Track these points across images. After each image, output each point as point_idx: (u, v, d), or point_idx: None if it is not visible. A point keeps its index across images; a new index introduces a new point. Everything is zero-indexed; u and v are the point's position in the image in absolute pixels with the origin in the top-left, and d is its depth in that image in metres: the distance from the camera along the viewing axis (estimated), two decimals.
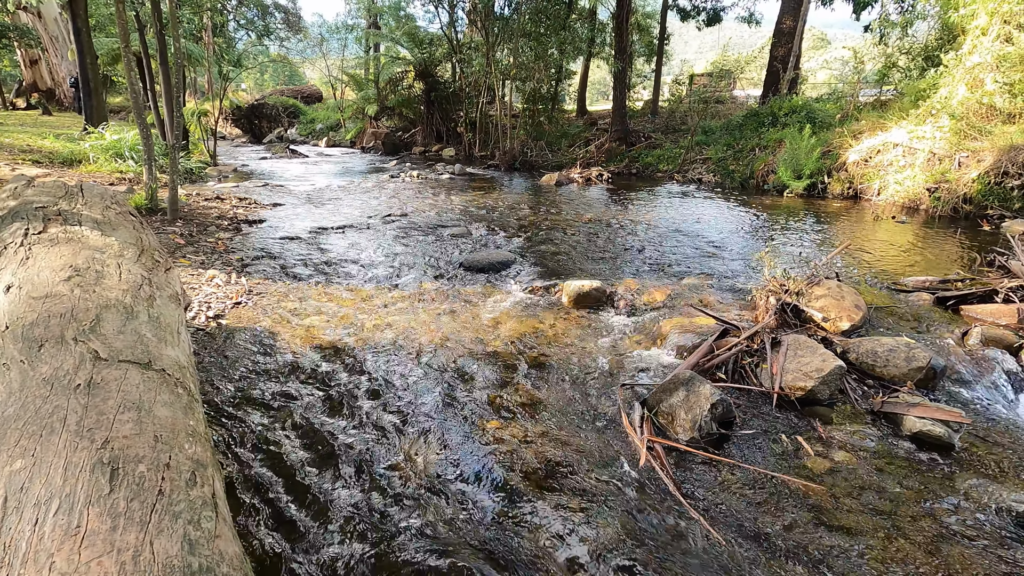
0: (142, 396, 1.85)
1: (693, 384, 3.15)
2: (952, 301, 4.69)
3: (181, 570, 1.26)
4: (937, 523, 2.42)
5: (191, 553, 1.34)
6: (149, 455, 1.59)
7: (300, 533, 2.28)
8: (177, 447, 1.71)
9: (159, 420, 1.78)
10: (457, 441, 2.96)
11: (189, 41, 19.19)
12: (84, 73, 14.22)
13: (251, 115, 26.64)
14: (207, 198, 9.14)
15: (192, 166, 12.27)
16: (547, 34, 16.16)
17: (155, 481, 1.51)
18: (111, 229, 3.14)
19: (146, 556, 1.27)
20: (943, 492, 2.62)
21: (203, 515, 1.50)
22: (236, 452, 2.79)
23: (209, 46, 18.44)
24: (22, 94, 27.44)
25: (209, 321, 4.38)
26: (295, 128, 26.67)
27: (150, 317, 2.44)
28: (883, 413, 3.25)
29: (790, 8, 15.79)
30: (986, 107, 9.04)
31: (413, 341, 4.11)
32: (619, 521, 2.41)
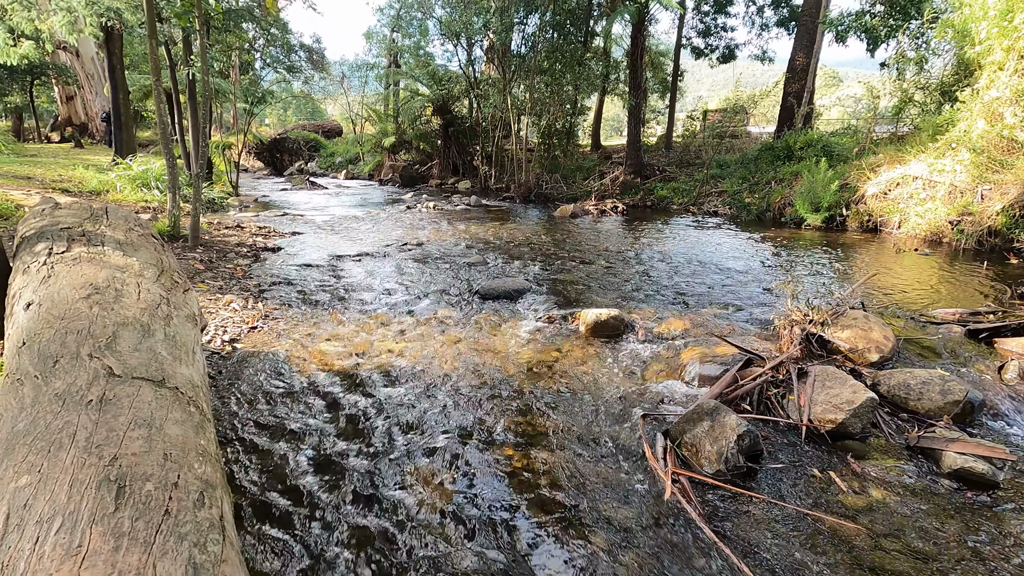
0: (153, 414, 1.81)
1: (718, 414, 3.03)
2: (985, 334, 4.52)
3: None
4: (985, 567, 2.25)
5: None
6: (157, 473, 1.53)
7: (308, 555, 2.19)
8: (186, 466, 1.65)
9: (169, 438, 1.72)
10: (473, 469, 2.86)
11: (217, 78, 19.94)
12: (116, 108, 14.78)
13: (273, 149, 27.38)
14: (228, 226, 9.30)
15: (214, 196, 12.55)
16: (563, 71, 16.53)
17: (162, 500, 1.44)
18: (132, 250, 3.16)
19: None
20: (989, 533, 2.45)
21: (210, 538, 1.43)
22: (247, 474, 2.72)
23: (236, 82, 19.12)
24: (57, 128, 28.55)
25: (225, 345, 4.37)
26: (315, 161, 27.32)
27: (166, 336, 2.41)
28: (920, 448, 3.09)
29: (803, 45, 16.00)
30: (1007, 141, 8.95)
31: (428, 369, 4.04)
32: (647, 559, 2.28)
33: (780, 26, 18.82)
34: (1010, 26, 8.37)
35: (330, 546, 2.27)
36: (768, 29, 19.15)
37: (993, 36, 8.67)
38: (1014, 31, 8.31)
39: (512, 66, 17.00)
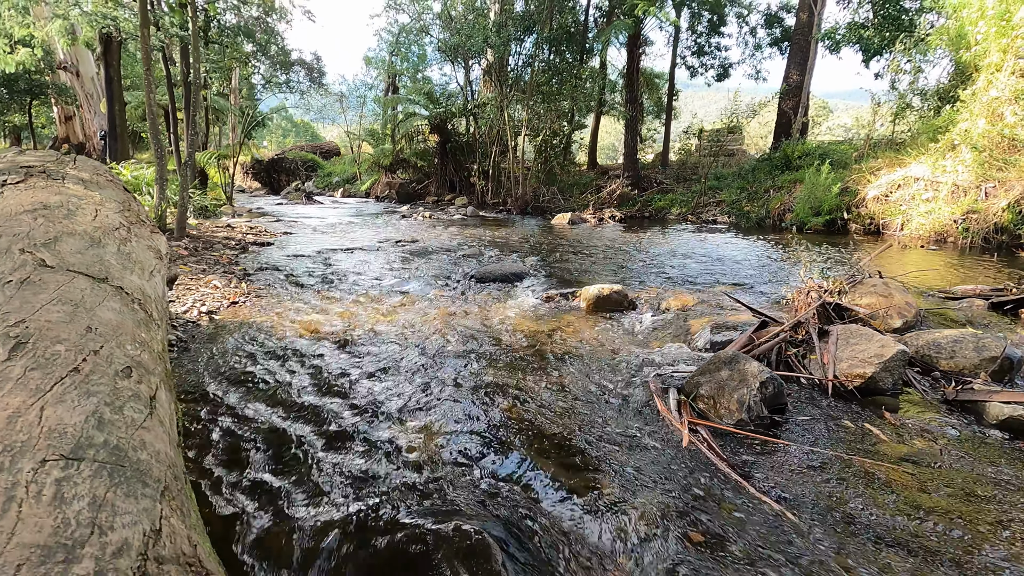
0: (85, 297, 1.53)
1: (737, 363, 2.74)
2: (1010, 306, 4.27)
3: (75, 438, 0.90)
4: None
5: (97, 428, 0.97)
6: (73, 339, 1.25)
7: (285, 498, 1.87)
8: (116, 343, 1.36)
9: (99, 319, 1.44)
10: (472, 421, 2.55)
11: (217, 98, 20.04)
12: (112, 118, 14.75)
13: (270, 169, 27.39)
14: (218, 227, 9.06)
15: (207, 203, 12.35)
16: (559, 89, 16.62)
17: (72, 361, 1.16)
18: (97, 187, 2.91)
19: (27, 419, 0.90)
20: None
21: (129, 404, 1.14)
22: (218, 422, 2.41)
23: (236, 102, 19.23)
24: (55, 148, 28.60)
25: (201, 315, 4.07)
26: (312, 181, 27.28)
27: (119, 251, 2.14)
28: (959, 402, 2.80)
29: (796, 62, 16.16)
30: (1007, 140, 8.87)
31: (422, 333, 3.75)
32: (666, 498, 1.97)
33: (773, 46, 19.09)
34: (1008, 25, 8.37)
35: (310, 483, 1.96)
36: (761, 49, 19.43)
37: (991, 36, 8.67)
38: (1012, 30, 8.31)
39: (509, 83, 17.11)
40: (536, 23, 16.38)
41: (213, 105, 18.88)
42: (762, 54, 19.43)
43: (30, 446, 0.83)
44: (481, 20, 16.56)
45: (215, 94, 20.51)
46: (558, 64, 17.65)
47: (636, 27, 14.23)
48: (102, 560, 0.70)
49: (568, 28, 18.12)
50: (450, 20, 18.67)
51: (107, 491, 0.83)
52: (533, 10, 16.74)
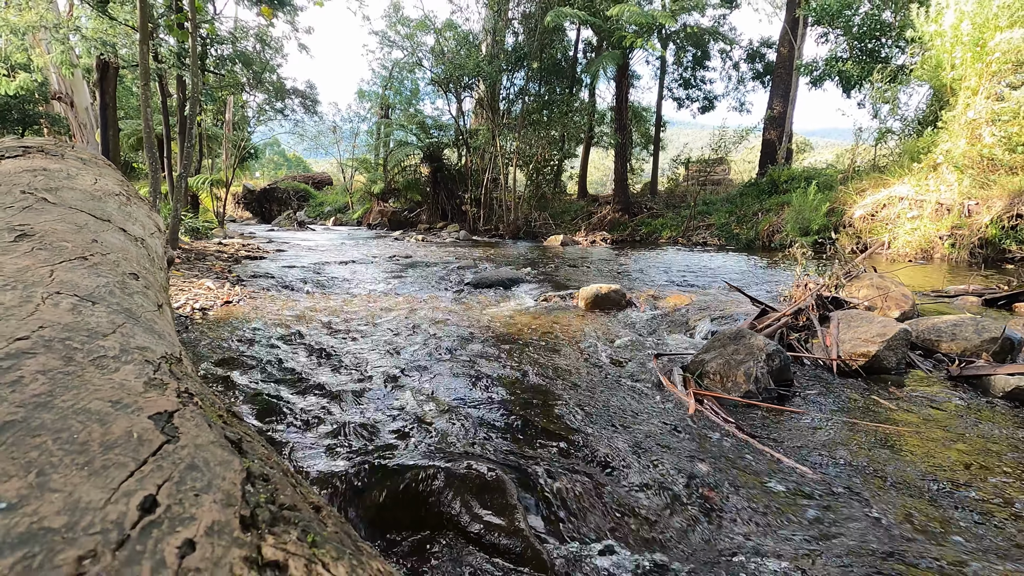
0: (88, 223, 1.50)
1: (743, 337, 2.73)
2: (1003, 301, 4.33)
3: (88, 290, 0.87)
4: None
5: (110, 294, 0.93)
6: (80, 243, 1.22)
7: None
8: (123, 257, 1.33)
9: (104, 239, 1.41)
10: (478, 391, 2.50)
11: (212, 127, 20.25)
12: (105, 144, 14.79)
13: (262, 198, 27.49)
14: (210, 244, 9.01)
15: (199, 225, 12.31)
16: (549, 121, 17.03)
17: (78, 252, 1.12)
18: (96, 166, 2.89)
19: (38, 272, 0.87)
20: None
21: (138, 295, 1.10)
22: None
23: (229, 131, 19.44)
24: None
25: (195, 312, 4.00)
26: (304, 211, 27.38)
27: (120, 209, 2.11)
28: (964, 378, 2.79)
29: (779, 94, 16.72)
30: (986, 159, 9.16)
31: (421, 325, 3.70)
32: (674, 456, 1.92)
33: (756, 79, 19.78)
34: (983, 51, 8.76)
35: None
36: (744, 83, 20.12)
37: (967, 61, 9.05)
38: (987, 55, 8.69)
39: (501, 113, 17.50)
40: (526, 56, 16.89)
41: (207, 133, 19.06)
42: (745, 87, 20.13)
43: (42, 283, 0.79)
44: (473, 52, 17.04)
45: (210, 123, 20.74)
46: (548, 97, 18.12)
47: (624, 59, 14.70)
48: (127, 347, 0.66)
49: (558, 61, 18.70)
50: (443, 55, 19.20)
51: (125, 323, 0.79)
52: (523, 43, 17.29)
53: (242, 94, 17.60)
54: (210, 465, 0.47)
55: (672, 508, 1.61)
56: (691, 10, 16.16)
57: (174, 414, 0.54)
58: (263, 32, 16.40)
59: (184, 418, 0.55)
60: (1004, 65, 8.91)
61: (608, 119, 21.21)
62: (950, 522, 1.54)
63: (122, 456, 0.42)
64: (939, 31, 9.60)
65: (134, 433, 0.46)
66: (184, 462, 0.45)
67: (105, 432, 0.45)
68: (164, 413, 0.54)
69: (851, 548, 1.41)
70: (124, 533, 0.33)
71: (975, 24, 8.76)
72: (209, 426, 0.57)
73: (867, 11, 13.74)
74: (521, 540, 1.33)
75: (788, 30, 16.09)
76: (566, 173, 22.35)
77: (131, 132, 19.45)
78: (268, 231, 17.82)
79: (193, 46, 7.24)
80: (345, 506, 1.50)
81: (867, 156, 13.23)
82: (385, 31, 19.86)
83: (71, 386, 0.52)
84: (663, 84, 19.76)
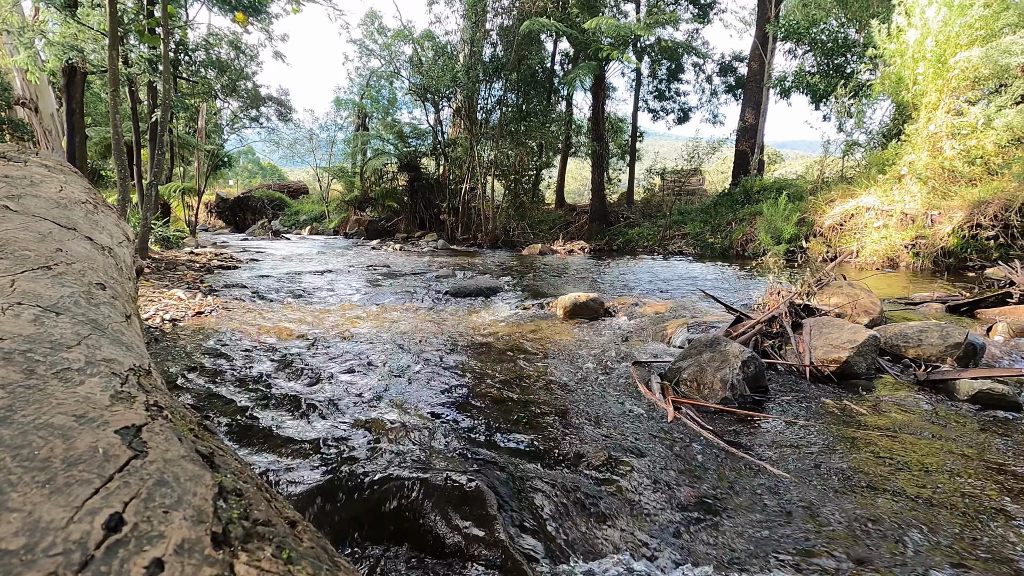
0: (53, 232, 1.45)
1: (719, 344, 2.77)
2: (965, 308, 4.48)
3: (52, 300, 0.84)
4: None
5: (75, 304, 0.90)
6: (44, 252, 1.18)
7: None
8: (89, 267, 1.29)
9: (70, 248, 1.36)
10: (455, 402, 2.48)
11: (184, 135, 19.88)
12: (72, 151, 14.41)
13: (236, 207, 27.03)
14: (181, 254, 8.81)
15: (169, 234, 12.03)
16: (527, 132, 17.14)
17: (42, 262, 1.08)
18: (61, 173, 2.80)
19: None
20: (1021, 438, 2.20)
21: (105, 306, 1.06)
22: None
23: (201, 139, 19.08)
24: None
25: (164, 322, 3.90)
26: (279, 220, 26.99)
27: (87, 217, 2.04)
28: (930, 382, 2.88)
29: (751, 105, 17.13)
30: (947, 171, 9.51)
31: (398, 335, 3.67)
32: (653, 462, 1.93)
33: (728, 92, 20.26)
34: (943, 67, 9.12)
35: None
36: (717, 95, 20.58)
37: (929, 77, 9.40)
38: (947, 71, 9.05)
39: (479, 123, 17.56)
40: (504, 67, 17.00)
41: (179, 140, 18.71)
42: (718, 100, 20.58)
43: (2, 294, 0.76)
44: (450, 62, 17.09)
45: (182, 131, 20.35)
46: (526, 107, 18.26)
47: (600, 70, 14.91)
48: (93, 359, 0.63)
49: (535, 72, 18.87)
50: (420, 64, 19.22)
51: (91, 334, 0.76)
52: (501, 54, 17.42)
53: (215, 101, 17.31)
54: (180, 480, 0.46)
55: (652, 516, 1.61)
56: (665, 24, 16.50)
57: (142, 428, 0.53)
58: (237, 39, 16.20)
59: (153, 432, 0.53)
60: (963, 82, 9.29)
61: (585, 129, 21.45)
62: (912, 519, 1.58)
63: (86, 473, 0.40)
64: (900, 48, 9.97)
65: (99, 448, 0.45)
66: (153, 478, 0.43)
67: (68, 448, 0.43)
68: (132, 427, 0.52)
69: (834, 549, 1.43)
70: (88, 554, 0.32)
71: (938, 42, 9.11)
72: (179, 440, 0.55)
73: (833, 28, 14.22)
74: (501, 551, 1.32)
75: (759, 45, 16.53)
76: (544, 183, 22.52)
77: (99, 139, 18.99)
78: (242, 240, 17.51)
79: (165, 52, 7.11)
80: (322, 521, 1.46)
81: (835, 167, 13.62)
82: (363, 40, 19.81)
83: (32, 400, 0.50)
84: (638, 96, 20.10)
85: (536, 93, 18.75)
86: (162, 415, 0.60)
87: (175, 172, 19.43)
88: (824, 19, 14.03)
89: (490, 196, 17.89)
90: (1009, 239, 8.12)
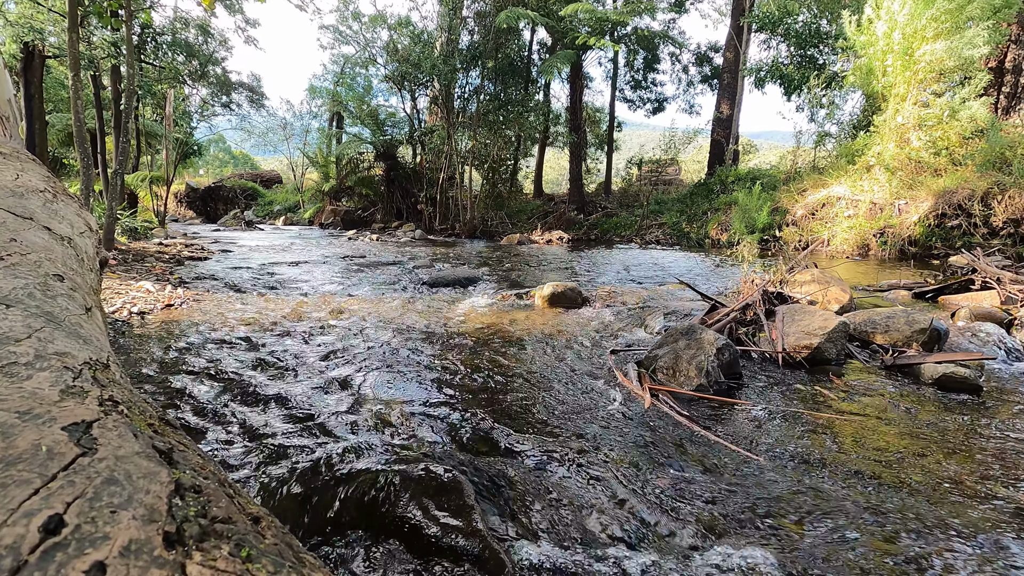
0: (7, 221, 1.38)
1: (694, 333, 2.80)
2: (930, 294, 4.62)
3: (2, 292, 0.79)
4: (985, 443, 2.06)
5: (29, 296, 0.86)
6: None
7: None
8: (47, 258, 1.23)
9: (25, 238, 1.30)
10: (432, 389, 2.46)
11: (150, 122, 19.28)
12: (31, 138, 13.84)
13: (207, 197, 26.36)
14: (149, 245, 8.56)
15: (137, 225, 11.67)
16: (504, 121, 17.04)
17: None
18: (18, 160, 2.68)
19: None
20: (980, 419, 2.28)
21: (62, 298, 1.02)
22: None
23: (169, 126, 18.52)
24: None
25: (132, 316, 3.78)
26: (252, 210, 26.42)
27: (45, 207, 1.96)
28: (897, 367, 2.96)
29: (726, 96, 17.29)
30: (914, 162, 9.75)
31: (375, 324, 3.62)
32: (632, 450, 1.95)
33: (704, 82, 20.41)
34: (911, 60, 9.31)
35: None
36: (693, 85, 20.72)
37: (897, 69, 9.59)
38: (914, 64, 9.24)
39: (456, 112, 17.39)
40: (481, 55, 16.83)
41: (145, 129, 18.13)
42: (695, 90, 20.72)
43: None
44: (427, 49, 16.86)
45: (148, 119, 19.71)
46: (503, 96, 18.12)
47: (577, 59, 14.87)
48: (43, 353, 0.60)
49: (513, 61, 18.73)
50: (396, 52, 18.90)
51: (44, 327, 0.72)
52: (478, 42, 17.23)
53: (183, 87, 16.79)
54: (132, 478, 0.43)
55: (629, 501, 1.62)
56: (642, 13, 16.51)
57: (93, 424, 0.50)
58: (206, 23, 15.70)
59: (105, 428, 0.50)
60: (929, 74, 9.51)
61: (563, 119, 21.42)
62: (876, 495, 1.63)
63: (26, 472, 0.38)
64: (870, 40, 10.14)
65: (43, 446, 0.42)
66: (100, 476, 0.41)
67: (7, 447, 0.40)
68: (81, 423, 0.49)
69: (801, 523, 1.47)
70: (20, 559, 0.30)
71: (905, 34, 9.29)
72: (135, 436, 0.53)
73: (806, 19, 14.40)
74: (479, 541, 1.31)
75: (734, 35, 16.66)
76: (522, 172, 22.45)
77: (62, 127, 18.30)
78: (214, 231, 17.10)
79: (128, 35, 6.86)
80: (294, 515, 1.44)
81: (807, 158, 13.86)
82: (336, 25, 19.39)
83: None
84: (615, 86, 20.12)
85: (514, 82, 18.63)
86: (117, 410, 0.57)
87: (142, 160, 18.83)
88: (797, 10, 14.20)
89: (468, 186, 17.78)
90: (971, 228, 8.37)
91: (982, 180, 8.41)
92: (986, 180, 8.39)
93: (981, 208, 8.25)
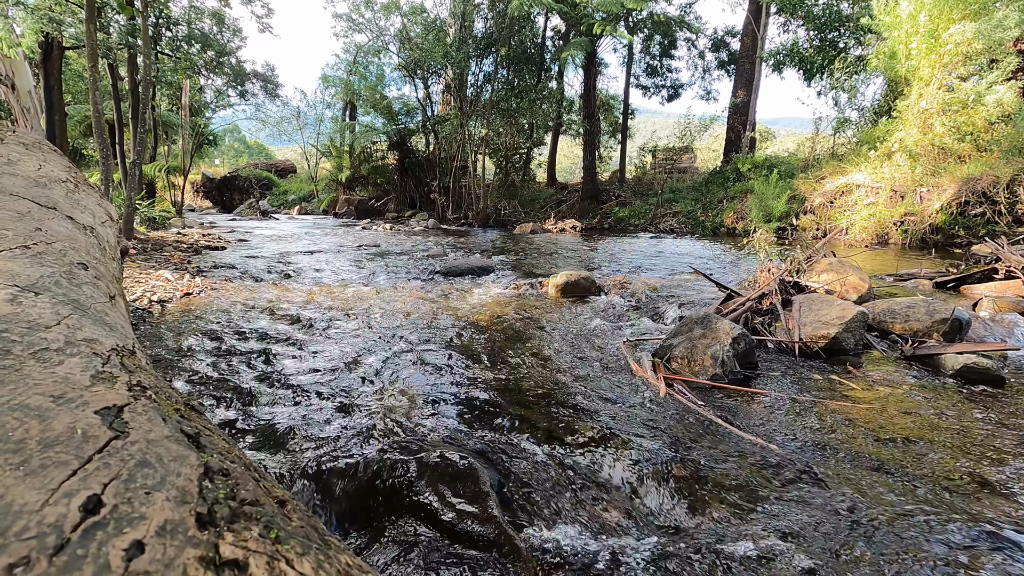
0: (32, 211, 1.41)
1: (710, 321, 2.78)
2: (952, 284, 4.53)
3: (31, 280, 0.82)
4: (1010, 436, 2.03)
5: (56, 285, 0.88)
6: (22, 231, 1.15)
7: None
8: (71, 246, 1.26)
9: (50, 227, 1.33)
10: (449, 378, 2.48)
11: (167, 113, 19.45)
12: (51, 129, 14.04)
13: (222, 187, 26.63)
14: (167, 235, 8.68)
15: (155, 215, 11.83)
16: (517, 109, 16.91)
17: (20, 241, 1.05)
18: (40, 151, 2.73)
19: None
20: (1010, 411, 2.24)
21: (87, 286, 1.04)
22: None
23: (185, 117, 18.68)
24: None
25: (152, 304, 3.85)
26: (267, 199, 26.64)
27: (68, 196, 2.00)
28: (917, 357, 2.91)
29: (743, 82, 16.99)
30: (937, 148, 9.52)
31: (391, 314, 3.65)
32: (647, 439, 1.95)
33: (720, 68, 20.06)
34: (936, 42, 9.06)
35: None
36: (710, 71, 20.38)
37: (923, 52, 9.34)
38: (940, 46, 8.99)
39: (469, 100, 17.31)
40: (495, 43, 16.70)
41: (162, 119, 18.30)
42: (711, 76, 20.39)
43: None
44: (441, 36, 16.76)
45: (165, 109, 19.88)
46: (516, 84, 17.99)
47: (592, 46, 14.69)
48: (73, 340, 0.62)
49: (526, 48, 18.55)
50: (408, 40, 18.82)
51: (71, 314, 0.74)
52: (492, 30, 17.09)
53: (199, 78, 16.91)
54: (164, 461, 0.45)
55: (644, 490, 1.63)
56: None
57: (124, 408, 0.51)
58: (220, 12, 15.75)
59: (135, 412, 0.52)
60: (955, 57, 9.25)
61: (576, 107, 21.22)
62: (894, 487, 1.61)
63: (63, 454, 0.39)
64: (894, 22, 9.88)
65: (78, 429, 0.43)
66: (134, 458, 0.42)
67: (44, 429, 0.42)
68: (113, 407, 0.51)
69: (823, 525, 1.46)
70: (63, 537, 0.31)
71: (931, 15, 9.03)
72: (163, 420, 0.54)
73: (826, 1, 14.05)
74: (494, 527, 1.33)
75: (751, 19, 16.33)
76: (535, 161, 22.31)
77: (81, 117, 18.54)
78: (230, 220, 17.29)
79: (145, 25, 6.90)
80: (314, 500, 1.47)
81: (826, 145, 13.60)
82: (349, 14, 19.34)
83: (7, 381, 0.49)
84: (630, 72, 19.85)
85: (527, 69, 18.48)
86: (145, 395, 0.58)
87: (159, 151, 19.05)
88: None
89: (481, 175, 17.75)
90: (996, 215, 8.18)
91: (1008, 166, 8.20)
92: (1012, 166, 8.18)
93: (1007, 195, 8.05)
